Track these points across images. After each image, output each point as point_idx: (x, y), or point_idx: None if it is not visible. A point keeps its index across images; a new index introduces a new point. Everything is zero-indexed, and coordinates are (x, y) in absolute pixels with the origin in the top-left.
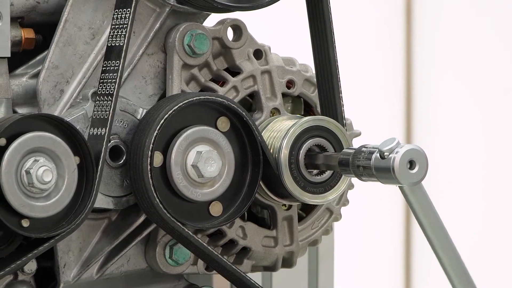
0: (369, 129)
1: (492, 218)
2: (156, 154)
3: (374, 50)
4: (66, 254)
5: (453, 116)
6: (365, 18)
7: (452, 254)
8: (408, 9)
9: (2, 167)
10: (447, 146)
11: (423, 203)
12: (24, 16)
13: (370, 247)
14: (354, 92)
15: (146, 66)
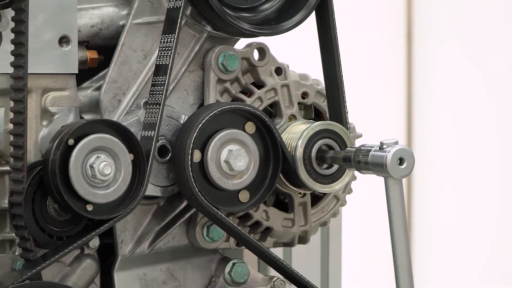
0: (372, 132)
1: (490, 213)
2: (195, 152)
3: (377, 58)
4: (123, 233)
5: (452, 119)
6: (367, 28)
7: (402, 238)
8: (409, 14)
9: (70, 162)
10: (445, 147)
11: (397, 196)
12: (89, 40)
13: (373, 228)
14: (359, 98)
15: (188, 80)
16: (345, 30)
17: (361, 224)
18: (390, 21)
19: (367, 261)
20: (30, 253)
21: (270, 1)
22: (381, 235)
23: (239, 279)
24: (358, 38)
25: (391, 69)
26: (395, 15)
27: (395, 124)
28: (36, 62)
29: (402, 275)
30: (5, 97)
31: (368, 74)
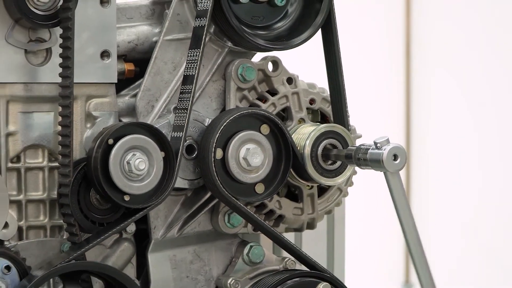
0: (374, 133)
1: (485, 209)
2: (218, 150)
3: (377, 66)
4: (156, 219)
5: (448, 120)
6: (369, 39)
7: (410, 224)
8: (408, 16)
9: (110, 159)
10: (442, 146)
11: (398, 188)
12: (126, 54)
13: (372, 215)
14: (361, 103)
15: (211, 89)
16: (349, 44)
17: (362, 212)
18: (389, 32)
19: (368, 244)
20: (75, 237)
21: (282, 20)
22: (379, 221)
23: (255, 260)
24: (360, 49)
25: (391, 77)
26: (394, 23)
27: (395, 126)
28: (81, 73)
29: (415, 251)
30: (54, 103)
31: (369, 81)
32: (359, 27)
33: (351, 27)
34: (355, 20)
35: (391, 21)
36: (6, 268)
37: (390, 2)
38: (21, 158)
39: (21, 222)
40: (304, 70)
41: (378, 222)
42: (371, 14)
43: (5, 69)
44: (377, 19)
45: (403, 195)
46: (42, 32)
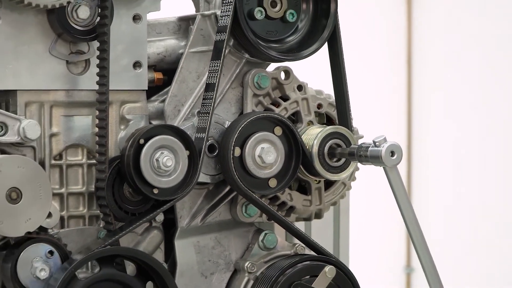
0: (376, 132)
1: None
2: (236, 148)
3: (378, 65)
4: (182, 210)
5: (448, 119)
6: (371, 43)
7: (410, 213)
8: (409, 19)
9: (141, 157)
10: (442, 145)
11: (397, 180)
12: (156, 65)
13: (373, 206)
14: (363, 103)
15: (231, 95)
16: (353, 48)
17: (366, 202)
18: (391, 34)
19: (371, 232)
20: (110, 225)
21: (293, 35)
22: (382, 211)
23: (269, 245)
24: (363, 53)
25: (392, 79)
26: (396, 26)
27: (396, 126)
28: (116, 81)
29: (416, 237)
30: (92, 108)
31: (371, 83)
32: (362, 30)
33: (354, 31)
34: (358, 24)
35: (392, 24)
36: (50, 253)
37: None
38: (63, 156)
39: (63, 212)
40: (313, 78)
41: (380, 212)
42: (373, 16)
43: (49, 78)
44: (379, 22)
45: (402, 187)
46: (82, 45)
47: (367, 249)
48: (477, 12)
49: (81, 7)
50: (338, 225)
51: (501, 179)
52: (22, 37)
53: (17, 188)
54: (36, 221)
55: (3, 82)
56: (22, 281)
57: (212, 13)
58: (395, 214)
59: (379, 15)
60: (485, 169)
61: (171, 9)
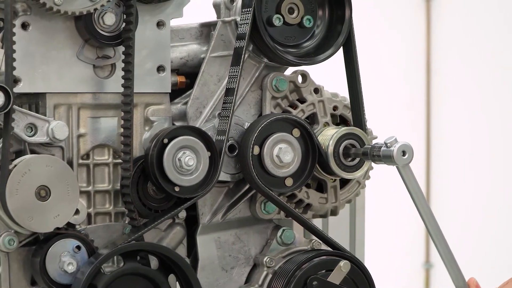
0: (395, 132)
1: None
2: (255, 147)
3: (398, 66)
4: (203, 207)
5: (467, 120)
6: (387, 38)
7: (426, 210)
8: (428, 21)
9: (164, 156)
10: (461, 146)
11: (410, 178)
12: (179, 68)
13: (389, 204)
14: (382, 103)
15: (250, 97)
16: (372, 50)
17: (383, 201)
18: (410, 37)
19: (389, 228)
20: (135, 222)
21: (310, 40)
22: (399, 209)
23: (287, 241)
24: (383, 54)
25: (411, 80)
26: (415, 29)
27: (416, 126)
28: (140, 84)
29: (433, 231)
30: (118, 110)
31: (391, 84)
32: (382, 34)
33: (374, 35)
34: (377, 28)
35: (411, 27)
36: (77, 248)
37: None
38: (90, 156)
39: (90, 209)
40: (329, 82)
41: (399, 209)
42: (392, 19)
43: (77, 81)
44: (398, 25)
45: (416, 184)
46: (108, 50)
47: (386, 245)
48: (495, 16)
49: (107, 14)
50: (354, 222)
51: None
52: (51, 43)
53: (45, 186)
54: (65, 217)
55: (33, 85)
56: (50, 274)
57: (232, 20)
58: (413, 211)
59: (399, 18)
60: (504, 169)
61: (193, 15)
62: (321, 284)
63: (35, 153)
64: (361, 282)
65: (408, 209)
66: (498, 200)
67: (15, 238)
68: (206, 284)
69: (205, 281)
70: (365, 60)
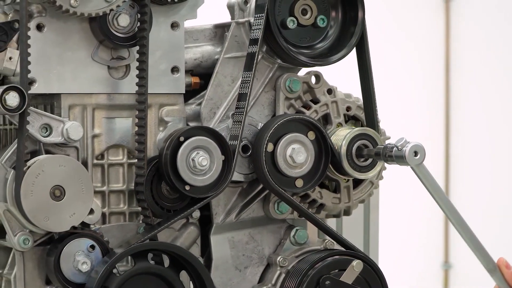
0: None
1: None
2: (269, 144)
3: (417, 66)
4: (217, 207)
5: (487, 120)
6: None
7: (446, 201)
8: (447, 21)
9: (178, 156)
10: (480, 148)
11: (426, 176)
12: (193, 69)
13: (402, 204)
14: (402, 106)
15: (264, 98)
16: (393, 57)
17: (402, 201)
18: (429, 37)
19: (408, 228)
20: (149, 221)
21: (323, 41)
22: (418, 209)
23: (300, 241)
24: (402, 54)
25: (431, 80)
26: (434, 30)
27: (434, 129)
28: (155, 85)
29: (456, 222)
30: (132, 110)
31: (410, 84)
32: (401, 34)
33: (393, 36)
34: (397, 29)
35: (430, 27)
36: (91, 247)
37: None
38: (104, 156)
39: (105, 209)
40: (342, 82)
41: (419, 209)
42: (412, 19)
43: (92, 82)
44: (418, 26)
45: (433, 179)
46: (122, 51)
47: (404, 246)
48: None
49: (121, 15)
50: (368, 222)
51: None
52: (66, 44)
53: (60, 186)
54: (80, 215)
55: (48, 86)
56: (64, 273)
57: (246, 21)
58: (431, 211)
59: (418, 19)
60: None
61: (207, 16)
62: (333, 284)
63: (50, 153)
64: (374, 281)
65: (426, 209)
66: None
67: (30, 238)
68: (220, 284)
69: (218, 281)
70: (384, 61)
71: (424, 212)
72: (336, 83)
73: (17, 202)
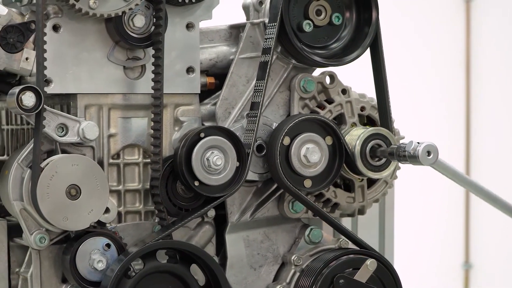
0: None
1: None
2: (285, 138)
3: (437, 68)
4: (232, 206)
5: (508, 123)
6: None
7: (474, 185)
8: (468, 23)
9: (193, 156)
10: (501, 149)
11: (447, 168)
12: (208, 70)
13: (433, 204)
14: (423, 106)
15: (278, 98)
16: (414, 57)
17: (422, 201)
18: (449, 38)
19: (428, 229)
20: (164, 220)
21: (337, 41)
22: (438, 209)
23: (315, 240)
24: (422, 54)
25: (451, 81)
26: (455, 29)
27: (454, 130)
28: (170, 85)
29: (483, 193)
30: (148, 110)
31: (430, 85)
32: (421, 34)
33: (414, 34)
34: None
35: (451, 27)
36: (107, 246)
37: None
38: (120, 155)
39: (120, 208)
40: (356, 82)
41: (439, 209)
42: (432, 19)
43: (107, 82)
44: (438, 25)
45: (453, 169)
46: (138, 52)
47: (424, 245)
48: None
49: (136, 16)
50: (384, 221)
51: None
52: (82, 45)
53: (75, 185)
54: (98, 210)
55: (65, 86)
56: (80, 272)
57: (261, 21)
58: (453, 211)
59: (439, 19)
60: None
61: (222, 17)
62: (347, 282)
63: (66, 153)
64: (388, 280)
65: (446, 209)
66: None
67: (46, 236)
68: (235, 282)
69: (233, 279)
70: (404, 61)
71: (444, 212)
72: (350, 83)
73: (33, 201)
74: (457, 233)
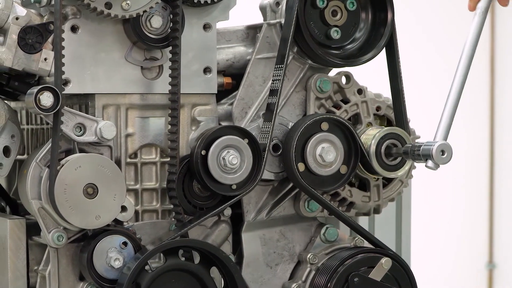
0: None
1: None
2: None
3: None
4: (248, 205)
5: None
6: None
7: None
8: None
9: (209, 155)
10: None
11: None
12: (225, 70)
13: (458, 203)
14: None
15: (294, 98)
16: (437, 56)
17: (445, 200)
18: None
19: (451, 229)
20: (181, 219)
21: (353, 42)
22: (461, 209)
23: (330, 238)
24: (446, 55)
25: (475, 80)
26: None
27: (478, 130)
28: (187, 85)
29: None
30: (165, 110)
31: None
32: (445, 32)
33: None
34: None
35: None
36: (124, 244)
37: None
38: (137, 155)
39: (138, 207)
40: (372, 82)
41: (462, 209)
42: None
43: (125, 82)
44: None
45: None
46: (155, 52)
47: (448, 245)
48: None
49: (154, 17)
50: (400, 220)
51: None
52: (100, 45)
53: (93, 184)
54: (115, 209)
55: (83, 86)
56: (97, 269)
57: (278, 22)
58: (475, 211)
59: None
60: None
61: (240, 18)
62: (362, 280)
63: (84, 152)
64: (402, 279)
65: (470, 208)
66: None
67: (63, 235)
68: (251, 280)
69: (250, 277)
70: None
71: (467, 212)
72: (366, 83)
73: (51, 200)
74: (481, 233)
